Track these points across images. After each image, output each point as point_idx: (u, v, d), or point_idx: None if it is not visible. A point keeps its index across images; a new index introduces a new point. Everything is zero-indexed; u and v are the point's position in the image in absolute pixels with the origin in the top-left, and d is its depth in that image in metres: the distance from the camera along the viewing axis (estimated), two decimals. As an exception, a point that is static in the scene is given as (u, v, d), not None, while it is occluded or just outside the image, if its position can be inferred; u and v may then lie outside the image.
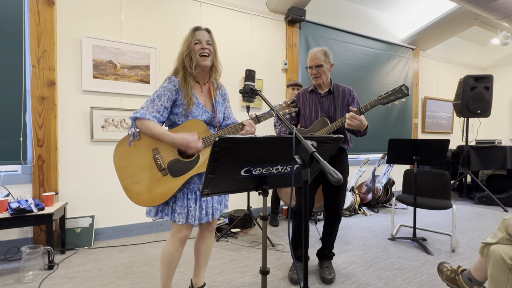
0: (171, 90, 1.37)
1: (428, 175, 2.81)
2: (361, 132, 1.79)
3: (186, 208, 1.37)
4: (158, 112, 1.34)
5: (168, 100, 1.36)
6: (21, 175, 2.35)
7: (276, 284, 1.84)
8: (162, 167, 1.33)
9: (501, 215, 3.67)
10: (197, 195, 1.40)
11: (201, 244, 1.58)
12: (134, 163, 1.33)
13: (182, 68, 1.40)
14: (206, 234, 1.58)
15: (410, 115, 4.94)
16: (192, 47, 1.38)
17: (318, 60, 1.86)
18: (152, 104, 1.34)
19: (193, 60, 1.38)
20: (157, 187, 1.32)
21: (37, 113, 2.35)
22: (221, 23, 3.22)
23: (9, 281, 1.86)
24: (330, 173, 0.77)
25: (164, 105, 1.36)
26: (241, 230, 2.85)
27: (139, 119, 1.31)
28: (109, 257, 2.26)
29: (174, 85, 1.38)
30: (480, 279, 1.48)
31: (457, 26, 4.44)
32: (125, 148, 1.34)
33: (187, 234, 1.41)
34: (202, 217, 1.40)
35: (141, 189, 1.31)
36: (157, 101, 1.35)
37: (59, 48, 2.47)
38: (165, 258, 1.42)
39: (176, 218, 1.36)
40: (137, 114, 1.31)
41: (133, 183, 1.31)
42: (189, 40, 1.39)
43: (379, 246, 2.53)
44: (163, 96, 1.36)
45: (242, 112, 3.35)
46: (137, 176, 1.32)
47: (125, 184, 1.31)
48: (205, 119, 1.43)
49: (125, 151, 1.33)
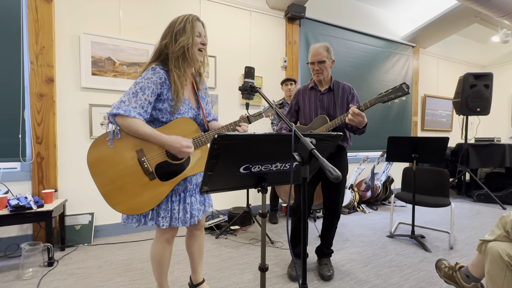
0: (155, 83, 1.20)
1: (427, 173, 2.81)
2: (360, 129, 1.79)
3: (170, 212, 1.29)
4: (142, 107, 1.18)
5: (153, 94, 1.20)
6: (20, 172, 2.35)
7: (275, 281, 1.85)
8: (150, 170, 1.20)
9: (499, 212, 3.69)
10: (181, 197, 1.32)
11: (192, 243, 1.54)
12: (115, 167, 1.16)
13: (182, 58, 1.24)
14: (195, 233, 1.53)
15: (409, 113, 4.94)
16: (195, 40, 1.26)
17: (321, 55, 1.84)
18: (135, 98, 1.17)
19: (194, 54, 1.27)
20: (144, 193, 1.18)
21: (36, 110, 2.34)
22: (221, 20, 3.20)
23: (9, 278, 1.86)
24: (329, 170, 0.77)
25: (148, 100, 1.19)
26: (240, 227, 2.86)
27: (122, 116, 1.14)
28: (108, 254, 2.27)
29: (159, 77, 1.21)
30: (478, 275, 1.49)
31: (457, 24, 4.43)
32: (102, 149, 1.16)
33: (173, 234, 1.37)
34: (186, 220, 1.32)
35: (125, 195, 1.16)
36: (141, 94, 1.17)
37: (57, 44, 2.45)
38: (154, 258, 1.37)
39: (160, 222, 1.27)
40: (120, 110, 1.13)
41: (115, 190, 1.16)
42: (193, 30, 1.25)
43: (377, 243, 2.54)
44: (147, 89, 1.18)
45: (241, 109, 3.35)
46: (119, 181, 1.16)
47: (105, 191, 1.15)
48: (190, 116, 1.32)
49: (102, 154, 1.16)
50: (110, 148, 1.17)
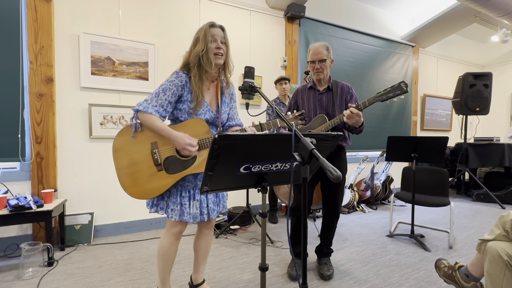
0: (177, 85, 1.35)
1: (426, 172, 2.82)
2: (357, 128, 1.80)
3: (179, 205, 1.37)
4: (161, 106, 1.33)
5: (173, 95, 1.35)
6: (19, 172, 2.34)
7: (275, 280, 1.85)
8: (158, 162, 1.33)
9: (498, 212, 3.70)
10: (191, 194, 1.40)
11: (200, 241, 1.59)
12: (132, 154, 1.33)
13: (197, 66, 1.37)
14: (205, 231, 1.59)
15: (409, 113, 4.94)
16: (209, 46, 1.36)
17: (322, 54, 1.84)
18: (156, 98, 1.33)
19: (209, 59, 1.36)
20: (150, 182, 1.32)
21: (35, 110, 2.34)
22: (220, 20, 3.19)
23: (9, 278, 1.86)
24: (329, 170, 0.77)
25: (169, 100, 1.34)
26: (240, 227, 2.86)
27: (141, 112, 1.31)
28: (108, 253, 2.27)
29: (181, 81, 1.36)
30: (477, 275, 1.49)
31: (457, 23, 4.44)
32: (125, 138, 1.34)
33: (181, 229, 1.43)
34: (196, 215, 1.39)
35: (134, 181, 1.32)
36: (162, 95, 1.34)
37: (56, 44, 2.45)
38: (161, 252, 1.43)
39: (169, 214, 1.37)
40: (140, 107, 1.31)
41: (127, 174, 1.32)
42: (206, 37, 1.36)
43: (377, 242, 2.54)
44: (168, 91, 1.34)
45: (241, 109, 3.34)
46: (132, 167, 1.32)
47: (120, 174, 1.32)
48: (207, 118, 1.42)
49: (124, 141, 1.34)
50: (132, 138, 1.34)
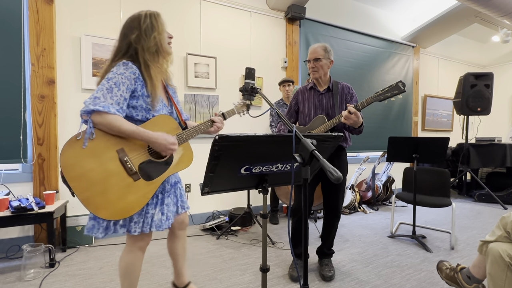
0: (129, 79, 1.12)
1: (427, 173, 2.81)
2: (356, 129, 1.80)
3: (143, 216, 1.18)
4: (118, 104, 1.09)
5: (128, 90, 1.12)
6: (21, 173, 2.35)
7: (276, 281, 1.85)
8: (133, 171, 1.12)
9: (500, 212, 3.68)
10: (159, 199, 1.23)
11: (176, 245, 1.43)
12: (94, 169, 1.05)
13: (156, 53, 1.21)
14: (179, 233, 1.43)
15: (410, 113, 4.93)
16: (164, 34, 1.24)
17: (317, 54, 1.87)
18: (110, 94, 1.07)
19: (165, 47, 1.25)
20: (129, 195, 1.10)
21: (37, 112, 2.35)
22: (221, 21, 3.20)
23: (11, 279, 1.87)
24: (330, 171, 0.78)
25: (124, 96, 1.11)
26: (241, 228, 2.86)
27: (100, 113, 1.04)
28: (110, 255, 2.27)
29: (133, 72, 1.13)
30: (479, 276, 1.49)
31: (458, 24, 4.43)
32: (77, 151, 1.04)
33: (148, 241, 1.27)
34: (161, 224, 1.22)
35: (108, 199, 1.07)
36: (116, 90, 1.08)
37: (58, 46, 2.46)
38: (127, 271, 1.23)
39: (132, 228, 1.16)
40: (97, 107, 1.03)
41: (96, 195, 1.05)
42: (162, 25, 1.24)
43: (378, 243, 2.54)
44: (121, 85, 1.10)
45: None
46: (100, 185, 1.06)
47: (85, 197, 1.04)
48: (165, 114, 1.27)
49: (77, 155, 1.04)
50: (85, 149, 1.05)
